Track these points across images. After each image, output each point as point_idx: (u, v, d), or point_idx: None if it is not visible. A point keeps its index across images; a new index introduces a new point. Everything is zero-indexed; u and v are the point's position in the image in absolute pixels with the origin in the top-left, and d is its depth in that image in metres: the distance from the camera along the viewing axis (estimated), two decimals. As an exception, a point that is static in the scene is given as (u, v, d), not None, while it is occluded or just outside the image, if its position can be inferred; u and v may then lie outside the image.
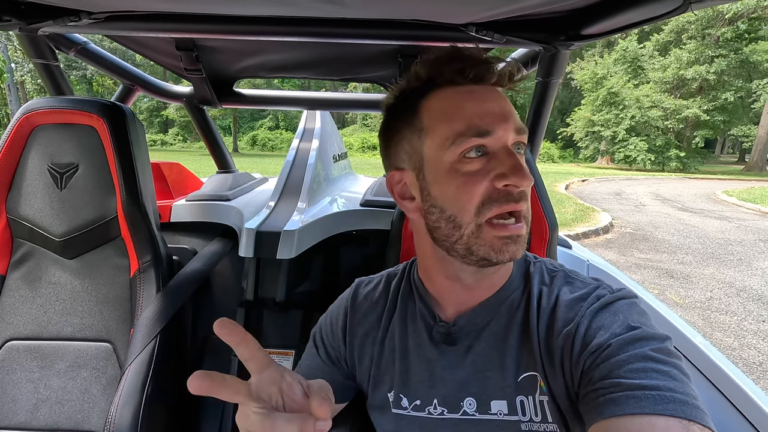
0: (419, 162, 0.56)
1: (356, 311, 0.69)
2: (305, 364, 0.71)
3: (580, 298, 0.54)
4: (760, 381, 2.71)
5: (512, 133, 0.52)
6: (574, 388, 0.50)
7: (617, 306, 0.52)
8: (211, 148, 1.75)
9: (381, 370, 0.64)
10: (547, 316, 0.55)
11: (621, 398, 0.42)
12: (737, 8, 19.45)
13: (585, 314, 0.52)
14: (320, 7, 0.78)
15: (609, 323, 0.50)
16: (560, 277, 0.58)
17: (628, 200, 10.47)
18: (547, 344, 0.53)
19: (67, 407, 0.97)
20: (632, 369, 0.44)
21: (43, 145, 1.00)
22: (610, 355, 0.46)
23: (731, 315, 3.68)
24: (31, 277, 1.02)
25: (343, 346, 0.68)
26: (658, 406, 0.41)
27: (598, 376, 0.46)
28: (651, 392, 0.42)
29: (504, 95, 0.55)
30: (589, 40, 0.91)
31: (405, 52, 1.18)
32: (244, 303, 1.17)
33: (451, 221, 0.53)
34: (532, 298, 0.57)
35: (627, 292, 0.54)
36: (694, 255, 5.54)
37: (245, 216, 1.18)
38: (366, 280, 0.73)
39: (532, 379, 0.54)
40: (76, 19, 0.90)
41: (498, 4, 0.75)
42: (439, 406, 0.58)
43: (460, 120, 0.51)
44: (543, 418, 0.53)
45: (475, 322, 0.58)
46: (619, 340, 0.47)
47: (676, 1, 0.64)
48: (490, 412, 0.55)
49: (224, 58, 1.29)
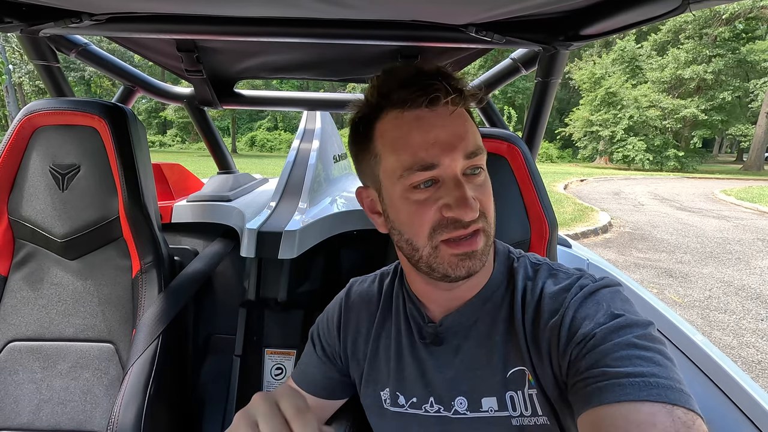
0: (378, 185, 0.57)
1: (350, 309, 0.70)
2: (304, 361, 0.73)
3: (564, 289, 0.55)
4: (759, 379, 2.72)
5: (461, 160, 0.51)
6: (562, 378, 0.51)
7: (600, 295, 0.53)
8: (212, 148, 1.75)
9: (374, 368, 0.66)
10: (533, 310, 0.55)
11: (607, 386, 0.43)
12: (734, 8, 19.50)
13: (569, 305, 0.52)
14: (321, 8, 0.78)
15: (593, 312, 0.50)
16: (544, 270, 0.59)
17: (626, 200, 10.49)
18: (534, 337, 0.54)
19: (69, 408, 0.98)
20: (617, 357, 0.45)
21: (44, 146, 1.00)
22: (595, 344, 0.47)
23: (730, 314, 3.69)
24: (33, 278, 1.03)
25: (338, 342, 0.70)
26: (642, 393, 0.42)
27: (584, 365, 0.47)
28: (635, 379, 0.43)
29: (460, 115, 0.53)
30: (588, 41, 0.91)
31: (405, 52, 1.19)
32: (246, 303, 1.17)
33: (409, 243, 0.55)
34: (516, 293, 0.58)
35: (609, 281, 0.55)
36: (692, 254, 5.55)
37: (247, 216, 1.19)
38: (360, 279, 0.75)
39: (520, 373, 0.55)
40: (77, 21, 0.90)
41: (498, 5, 0.76)
42: (435, 404, 0.60)
43: (406, 152, 0.51)
44: (533, 411, 0.54)
45: (460, 322, 0.60)
46: (603, 330, 0.48)
47: (674, 1, 0.65)
48: (481, 409, 0.56)
49: (225, 59, 1.29)
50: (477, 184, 0.53)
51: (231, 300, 1.27)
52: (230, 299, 1.28)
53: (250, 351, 1.15)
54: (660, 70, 22.72)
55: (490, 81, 1.39)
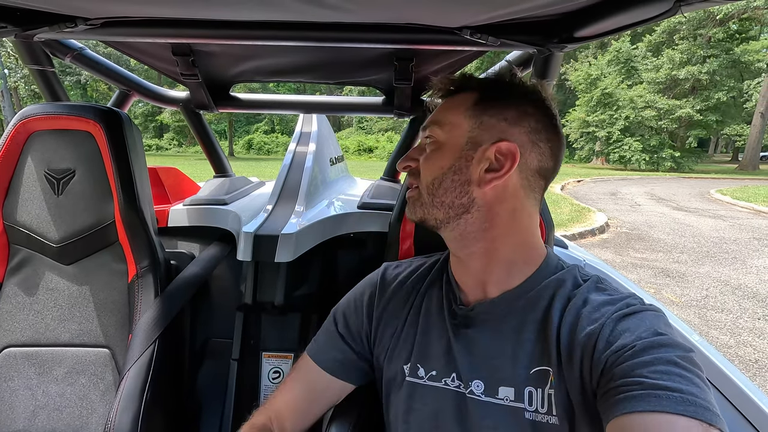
0: None
1: (385, 289, 0.74)
2: (321, 339, 0.75)
3: (608, 303, 0.56)
4: (756, 378, 2.73)
5: (421, 132, 0.69)
6: (591, 385, 0.51)
7: (644, 314, 0.53)
8: (208, 152, 1.75)
9: (400, 343, 0.68)
10: (573, 315, 0.56)
11: (643, 395, 0.43)
12: (728, 9, 19.66)
13: (611, 317, 0.53)
14: (316, 12, 0.78)
15: (635, 327, 0.51)
16: (592, 282, 0.61)
17: (623, 200, 10.53)
18: (569, 341, 0.55)
19: (65, 414, 0.97)
20: (656, 370, 0.45)
21: (39, 151, 0.99)
22: (634, 354, 0.47)
23: (727, 313, 3.70)
24: (28, 284, 1.02)
25: (366, 320, 0.73)
26: (680, 407, 0.42)
27: (620, 373, 0.47)
28: (674, 393, 0.43)
29: (444, 104, 0.68)
30: (582, 43, 0.92)
31: (400, 55, 1.19)
32: (243, 307, 1.17)
33: None
34: (556, 299, 0.59)
35: (655, 307, 0.56)
36: (689, 254, 5.58)
37: (243, 220, 1.19)
38: (394, 264, 0.79)
39: (544, 373, 0.56)
40: (72, 26, 0.90)
41: (492, 8, 0.76)
42: (456, 380, 0.61)
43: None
44: (549, 410, 0.55)
45: (492, 311, 0.62)
46: (645, 343, 0.48)
47: (666, 3, 0.65)
48: (497, 396, 0.58)
49: (221, 63, 1.29)
50: (423, 150, 0.67)
51: (228, 304, 1.27)
52: (227, 303, 1.28)
53: (247, 355, 1.15)
54: (655, 71, 22.84)
55: None
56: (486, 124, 0.62)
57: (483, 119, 0.62)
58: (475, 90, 0.64)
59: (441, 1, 0.74)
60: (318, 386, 0.72)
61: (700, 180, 16.60)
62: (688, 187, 13.82)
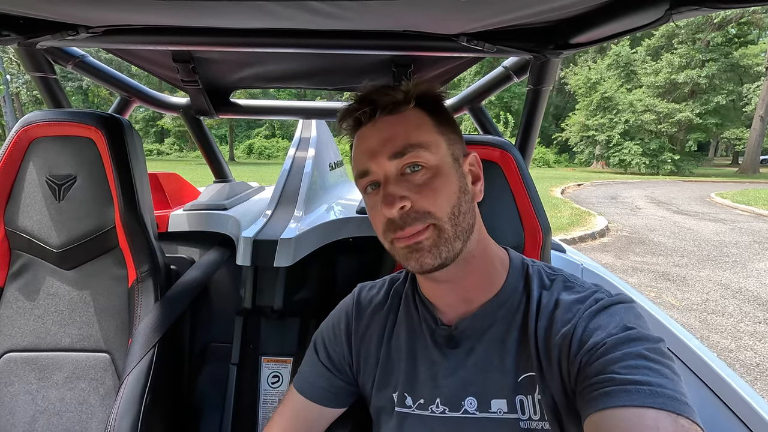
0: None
1: (361, 315, 0.71)
2: (306, 369, 0.72)
3: (579, 301, 0.56)
4: (757, 382, 2.71)
5: (386, 162, 0.56)
6: (570, 385, 0.52)
7: (614, 309, 0.54)
8: (208, 157, 1.76)
9: (386, 371, 0.66)
10: (546, 318, 0.57)
11: (614, 392, 0.45)
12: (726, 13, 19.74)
13: (583, 316, 0.54)
14: (315, 19, 0.80)
15: (606, 324, 0.52)
16: (559, 281, 0.61)
17: (623, 204, 10.53)
18: (546, 344, 0.55)
19: (65, 419, 0.97)
20: (626, 365, 0.46)
21: (41, 157, 1.00)
22: (605, 352, 0.48)
23: (727, 317, 3.69)
24: (29, 289, 1.03)
25: (347, 349, 0.70)
26: (648, 400, 0.43)
27: (593, 371, 0.48)
28: (643, 387, 0.44)
29: (397, 120, 0.58)
30: (577, 49, 0.93)
31: (399, 61, 1.20)
32: (242, 311, 1.17)
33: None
34: (531, 301, 0.59)
35: (624, 297, 0.56)
36: (689, 257, 5.57)
37: (242, 225, 1.19)
38: (368, 285, 0.76)
39: (530, 379, 0.56)
40: (74, 33, 0.91)
41: (489, 15, 0.77)
42: (441, 405, 0.60)
43: (354, 166, 0.62)
44: (541, 416, 0.55)
45: (475, 325, 0.61)
46: (615, 339, 0.49)
47: (657, 12, 0.66)
48: (490, 410, 0.57)
49: (221, 70, 1.31)
50: (415, 182, 0.56)
51: (227, 308, 1.27)
52: (226, 308, 1.28)
53: (246, 359, 1.15)
54: (654, 75, 22.92)
55: (482, 89, 1.41)
56: (451, 138, 0.60)
57: (446, 134, 0.60)
58: (412, 103, 0.59)
59: (438, 8, 0.75)
60: (311, 416, 0.70)
61: (701, 183, 16.60)
62: (688, 190, 13.83)
